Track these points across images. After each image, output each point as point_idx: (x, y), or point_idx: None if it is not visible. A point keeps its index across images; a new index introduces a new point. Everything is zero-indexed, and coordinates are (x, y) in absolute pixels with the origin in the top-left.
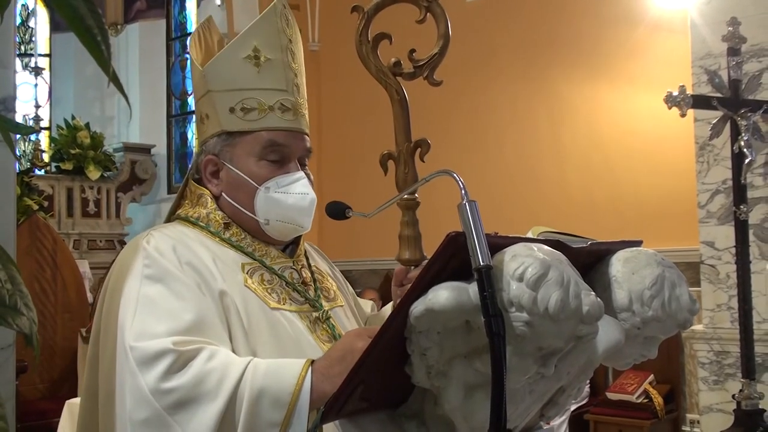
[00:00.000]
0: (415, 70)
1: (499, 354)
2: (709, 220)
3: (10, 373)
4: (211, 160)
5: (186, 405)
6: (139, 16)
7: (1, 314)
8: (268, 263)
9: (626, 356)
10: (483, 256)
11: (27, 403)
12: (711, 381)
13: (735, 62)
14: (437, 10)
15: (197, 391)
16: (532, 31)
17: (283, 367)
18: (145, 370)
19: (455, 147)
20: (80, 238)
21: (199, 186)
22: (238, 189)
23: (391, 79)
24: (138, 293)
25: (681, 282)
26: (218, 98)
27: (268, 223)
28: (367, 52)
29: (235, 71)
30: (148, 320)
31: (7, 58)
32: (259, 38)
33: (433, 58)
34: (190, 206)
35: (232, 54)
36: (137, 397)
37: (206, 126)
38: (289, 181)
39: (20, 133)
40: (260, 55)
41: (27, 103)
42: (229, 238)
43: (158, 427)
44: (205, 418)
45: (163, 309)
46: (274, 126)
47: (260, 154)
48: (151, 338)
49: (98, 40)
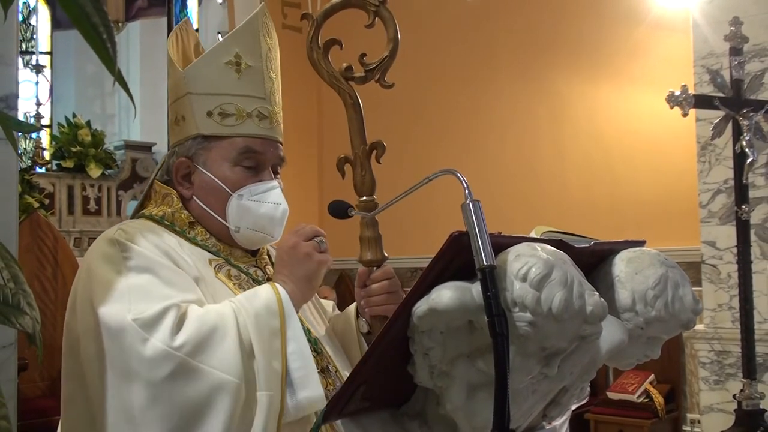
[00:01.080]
0: (366, 73)
1: (503, 354)
2: (711, 220)
3: (12, 371)
4: (184, 163)
5: (203, 346)
6: (140, 14)
7: (4, 313)
8: (233, 261)
9: (629, 356)
10: (486, 255)
11: (27, 401)
12: (712, 381)
13: (737, 62)
14: (386, 14)
15: (205, 332)
16: (533, 31)
17: (254, 293)
18: (154, 331)
19: (456, 146)
20: (81, 236)
21: (165, 186)
22: (210, 193)
23: (343, 84)
24: (127, 284)
25: (684, 282)
26: (197, 101)
27: (238, 231)
28: (318, 58)
29: (216, 76)
30: (143, 305)
31: (10, 55)
32: (240, 45)
33: (383, 62)
34: (154, 206)
35: (214, 58)
36: (155, 357)
37: (181, 128)
38: (263, 189)
39: (22, 130)
40: (241, 62)
41: (28, 100)
42: (194, 237)
43: (186, 374)
44: (227, 350)
45: (156, 294)
46: (251, 133)
47: (235, 159)
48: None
49: (104, 38)
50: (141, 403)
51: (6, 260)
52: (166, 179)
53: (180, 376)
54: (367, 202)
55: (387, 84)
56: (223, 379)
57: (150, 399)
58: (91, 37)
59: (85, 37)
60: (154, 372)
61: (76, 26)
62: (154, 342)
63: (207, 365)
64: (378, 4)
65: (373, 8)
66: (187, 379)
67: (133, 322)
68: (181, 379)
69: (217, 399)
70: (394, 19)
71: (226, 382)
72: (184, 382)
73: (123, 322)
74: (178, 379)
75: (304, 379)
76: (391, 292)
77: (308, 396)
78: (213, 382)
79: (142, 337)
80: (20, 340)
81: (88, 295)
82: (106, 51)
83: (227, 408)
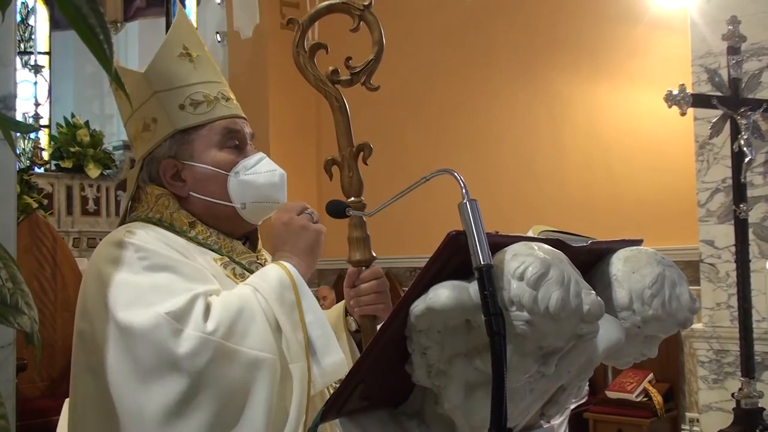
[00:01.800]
0: (352, 77)
1: (500, 353)
2: (709, 219)
3: (11, 371)
4: (170, 163)
5: (235, 329)
6: (138, 14)
7: (2, 313)
8: (236, 258)
9: (626, 355)
10: (483, 255)
11: (26, 402)
12: (710, 379)
13: (735, 61)
14: (370, 18)
15: (235, 315)
16: (532, 30)
17: (262, 273)
18: (187, 322)
19: (455, 145)
20: (80, 236)
21: (158, 187)
22: (208, 182)
23: (330, 87)
24: (148, 284)
25: (681, 281)
26: (165, 97)
27: (244, 207)
28: (304, 62)
29: (175, 69)
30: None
31: (8, 56)
32: (183, 38)
33: (368, 65)
34: (147, 209)
35: (167, 53)
36: (194, 346)
37: (153, 132)
38: (253, 162)
39: (20, 131)
40: (191, 52)
41: (26, 101)
42: (195, 236)
43: (225, 357)
44: (258, 329)
45: (180, 288)
46: (224, 115)
47: (220, 143)
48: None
49: (101, 39)
50: (182, 393)
51: (4, 260)
52: (153, 183)
53: (219, 360)
54: (356, 202)
55: (372, 87)
56: (259, 356)
57: (192, 387)
58: (88, 38)
59: (82, 38)
60: (195, 361)
61: (73, 27)
62: (189, 332)
63: (243, 346)
64: (362, 8)
65: (358, 12)
66: (226, 362)
67: (167, 315)
68: (220, 362)
69: (258, 377)
70: (378, 23)
71: (263, 359)
72: (225, 365)
73: (155, 319)
74: (218, 364)
75: (325, 346)
76: (380, 291)
77: (332, 361)
78: (251, 361)
79: (177, 329)
80: (19, 341)
81: (103, 301)
82: (102, 52)
83: (268, 384)
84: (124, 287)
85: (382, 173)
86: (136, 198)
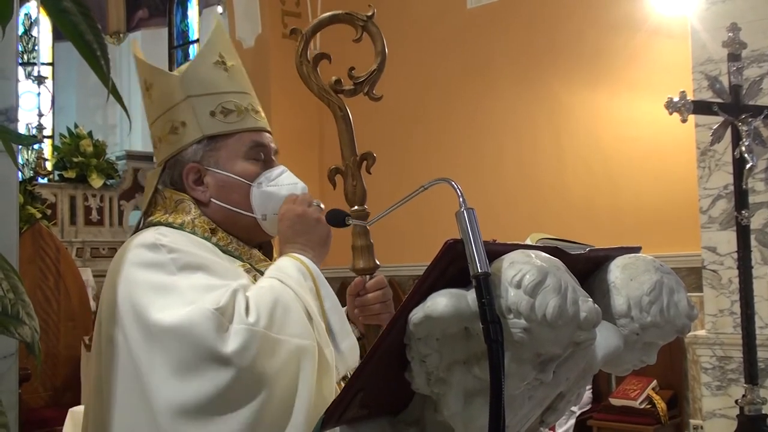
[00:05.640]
0: (355, 86)
1: (498, 360)
2: (711, 226)
3: (13, 381)
4: (194, 168)
5: (275, 319)
6: (141, 25)
7: (4, 323)
8: (255, 266)
9: (625, 362)
10: (481, 263)
11: (30, 411)
12: (714, 386)
13: (735, 68)
14: (373, 29)
15: (272, 307)
16: (532, 38)
17: (279, 266)
18: (232, 316)
19: (454, 153)
20: (83, 246)
21: (177, 192)
22: (231, 191)
23: (333, 97)
24: (186, 284)
25: (679, 288)
26: (197, 103)
27: (265, 219)
28: (308, 71)
29: (210, 76)
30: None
31: (9, 69)
32: (219, 47)
33: (371, 75)
34: (165, 213)
35: (204, 60)
36: (243, 339)
37: (180, 135)
38: (275, 174)
39: (22, 143)
40: (226, 61)
41: (30, 111)
42: (216, 242)
43: (271, 348)
44: (296, 318)
45: (217, 285)
46: (252, 126)
47: (246, 154)
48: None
49: (98, 55)
50: (227, 387)
51: (5, 271)
52: (175, 187)
53: (267, 351)
54: (359, 211)
55: (375, 97)
56: (301, 344)
57: (237, 380)
58: (86, 54)
59: (80, 52)
60: (245, 354)
61: (72, 42)
62: (235, 327)
63: (285, 335)
64: (365, 19)
65: (361, 23)
66: (272, 353)
67: (216, 311)
68: (268, 353)
69: (303, 365)
70: (381, 33)
71: (305, 345)
72: (271, 356)
73: (200, 314)
74: (266, 355)
75: (342, 330)
76: (384, 301)
77: (348, 344)
78: (295, 349)
79: (222, 324)
80: (22, 351)
81: (140, 303)
82: (100, 67)
83: (312, 371)
84: (162, 289)
85: (382, 182)
86: (153, 203)
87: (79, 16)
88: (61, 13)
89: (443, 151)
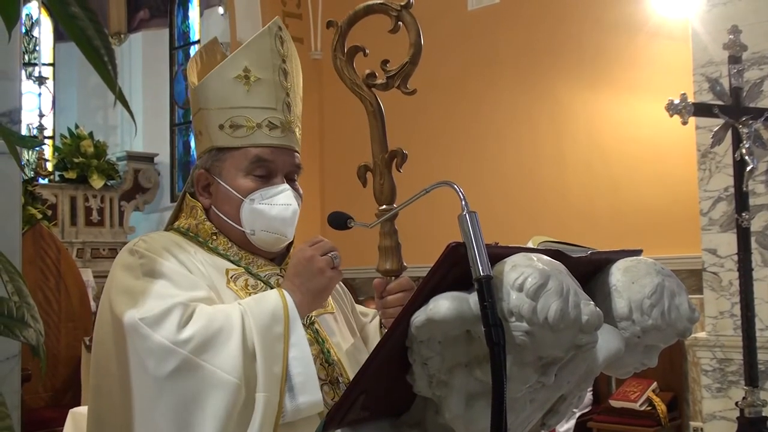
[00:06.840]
0: (388, 80)
1: (500, 363)
2: (711, 228)
3: (16, 382)
4: (203, 175)
5: (208, 345)
6: (142, 26)
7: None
8: (254, 270)
9: (626, 365)
10: (483, 266)
11: (30, 412)
12: (714, 388)
13: (736, 70)
14: (408, 19)
15: (212, 332)
16: (533, 39)
17: (262, 297)
18: (159, 328)
19: (455, 155)
20: (84, 247)
21: (192, 199)
22: (226, 202)
23: (365, 91)
24: (142, 288)
25: (680, 291)
26: (208, 116)
27: (254, 234)
28: (342, 65)
29: (225, 90)
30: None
31: (13, 70)
32: (250, 58)
33: (404, 68)
34: (184, 218)
35: (223, 74)
36: (160, 352)
37: (199, 142)
38: (273, 192)
39: (25, 146)
40: (250, 75)
41: (31, 112)
42: (216, 247)
43: (189, 371)
44: (230, 350)
45: (165, 294)
46: (261, 143)
47: (247, 169)
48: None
49: (105, 60)
50: (149, 396)
51: (10, 273)
52: (192, 191)
53: (184, 372)
54: (386, 210)
55: (408, 90)
56: (223, 377)
57: (156, 392)
58: (93, 58)
59: (87, 57)
60: (161, 366)
61: (79, 47)
62: (158, 338)
63: (210, 364)
64: (399, 8)
65: (395, 13)
66: (189, 375)
67: (140, 321)
68: (184, 374)
69: (213, 394)
70: (416, 23)
71: (226, 380)
72: (187, 377)
73: (132, 322)
74: (182, 374)
75: (304, 384)
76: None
77: (307, 400)
78: (212, 379)
79: (147, 334)
80: (24, 352)
81: (109, 301)
82: (107, 72)
83: (223, 405)
84: (124, 290)
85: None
86: (181, 208)
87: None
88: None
89: (444, 152)
